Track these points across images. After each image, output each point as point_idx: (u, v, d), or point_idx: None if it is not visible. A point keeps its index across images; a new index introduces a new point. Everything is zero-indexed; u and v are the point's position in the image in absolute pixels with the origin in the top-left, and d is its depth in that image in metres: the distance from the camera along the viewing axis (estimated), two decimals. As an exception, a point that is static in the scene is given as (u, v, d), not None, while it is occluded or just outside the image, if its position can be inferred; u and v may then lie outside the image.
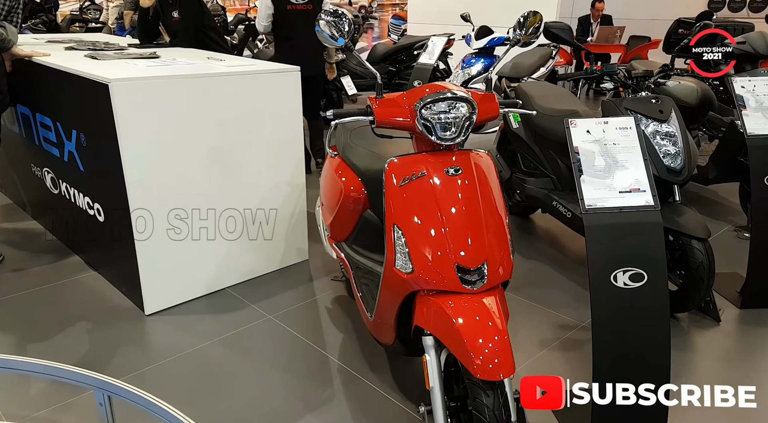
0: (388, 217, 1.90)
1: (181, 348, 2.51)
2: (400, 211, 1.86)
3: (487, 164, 1.94)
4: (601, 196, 1.85)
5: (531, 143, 3.45)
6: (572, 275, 3.19)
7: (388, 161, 1.93)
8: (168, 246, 2.74)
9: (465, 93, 1.85)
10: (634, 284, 1.82)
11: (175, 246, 2.76)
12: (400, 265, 1.84)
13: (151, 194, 2.63)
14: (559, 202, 3.21)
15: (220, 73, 2.75)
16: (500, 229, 1.85)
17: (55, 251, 3.43)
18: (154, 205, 2.64)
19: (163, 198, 2.67)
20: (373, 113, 1.90)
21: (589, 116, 2.34)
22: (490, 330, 1.69)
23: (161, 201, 2.66)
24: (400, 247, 1.85)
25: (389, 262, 1.89)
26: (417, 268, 1.79)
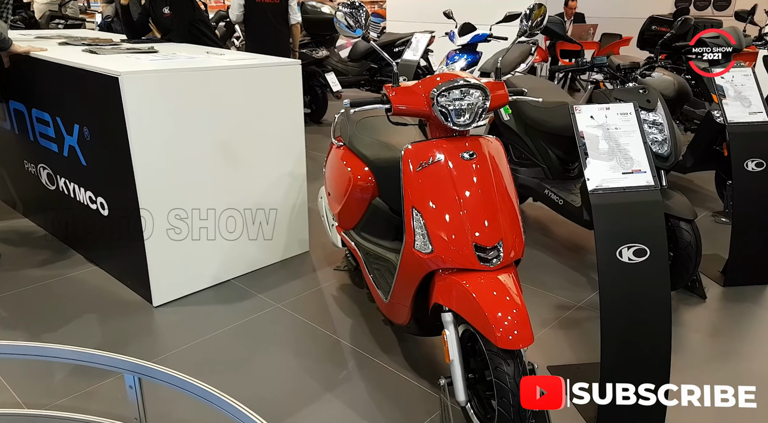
0: (406, 200, 1.99)
1: (195, 336, 2.55)
2: (418, 195, 1.96)
3: (497, 149, 2.05)
4: (606, 177, 1.97)
5: (522, 135, 3.58)
6: (565, 260, 3.33)
7: (404, 148, 2.02)
8: (174, 238, 2.77)
9: (478, 81, 1.95)
10: (637, 259, 1.94)
11: (182, 240, 2.80)
12: (420, 246, 1.94)
13: (159, 187, 2.66)
14: (551, 190, 3.34)
15: (225, 67, 2.80)
16: (512, 209, 1.96)
17: (51, 247, 3.42)
18: (161, 197, 2.68)
19: (170, 191, 2.71)
20: (390, 101, 1.99)
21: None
22: (508, 304, 1.79)
23: (168, 194, 2.70)
24: (419, 228, 1.94)
25: (408, 244, 1.98)
26: (436, 249, 1.89)
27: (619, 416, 2.01)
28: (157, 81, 2.56)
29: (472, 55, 5.58)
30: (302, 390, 2.22)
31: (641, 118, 2.84)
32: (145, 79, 2.53)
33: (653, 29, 5.54)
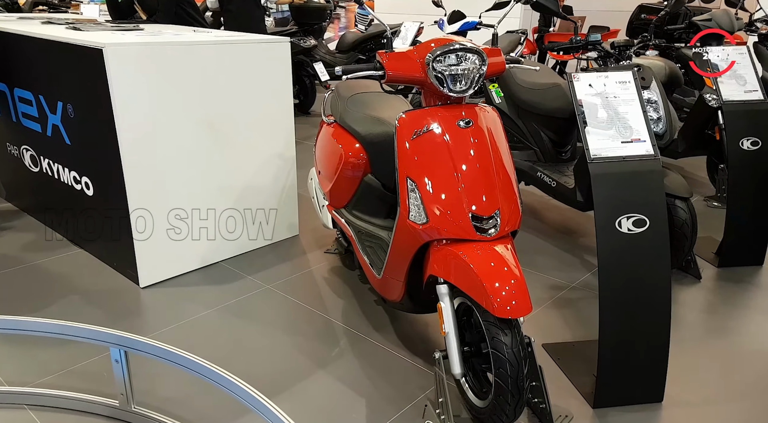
0: (400, 170, 1.94)
1: (183, 315, 2.49)
2: (413, 164, 1.91)
3: (493, 118, 2.00)
4: (605, 146, 1.94)
5: (514, 117, 3.54)
6: (557, 242, 3.30)
7: (399, 116, 1.97)
8: (161, 218, 2.70)
9: (475, 45, 1.91)
10: (637, 229, 1.91)
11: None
12: (415, 216, 1.89)
13: (145, 165, 2.59)
14: (543, 173, 3.31)
15: (212, 42, 2.74)
16: (509, 179, 1.92)
17: (35, 231, 3.33)
18: (147, 178, 2.61)
19: (158, 170, 2.64)
20: (384, 67, 1.94)
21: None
22: (506, 274, 1.75)
23: (156, 173, 2.63)
24: (414, 198, 1.89)
25: (402, 216, 1.93)
26: (432, 219, 1.84)
27: (618, 390, 1.98)
28: (143, 54, 2.49)
29: (463, 44, 5.53)
30: (294, 367, 2.17)
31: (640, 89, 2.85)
32: (131, 51, 2.45)
33: (642, 18, 5.54)
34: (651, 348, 1.96)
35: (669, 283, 1.93)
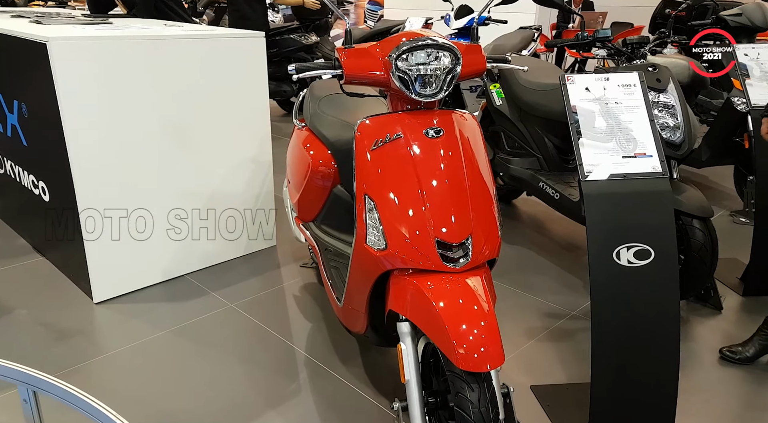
0: (358, 186, 1.65)
1: (132, 338, 2.24)
2: (373, 179, 1.62)
3: (471, 126, 1.71)
4: (602, 161, 1.63)
5: (516, 121, 3.23)
6: (560, 261, 2.98)
7: (359, 122, 1.69)
8: (118, 227, 2.46)
9: (447, 41, 1.61)
10: (639, 262, 1.60)
11: (127, 228, 2.49)
12: (372, 241, 1.60)
13: (97, 170, 2.35)
14: (546, 183, 2.99)
15: (177, 36, 2.48)
16: (486, 199, 1.63)
17: (1, 235, 3.13)
18: (101, 182, 2.37)
19: (112, 176, 2.39)
20: (342, 66, 1.66)
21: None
22: (476, 314, 1.46)
23: (110, 179, 2.39)
24: (371, 220, 1.61)
25: (360, 238, 1.65)
26: (391, 244, 1.56)
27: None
28: (93, 49, 2.24)
29: (469, 40, 5.21)
30: (242, 404, 1.90)
31: (651, 100, 2.52)
32: (79, 46, 2.21)
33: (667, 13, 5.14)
34: (655, 399, 1.65)
35: (677, 327, 1.62)
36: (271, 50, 5.40)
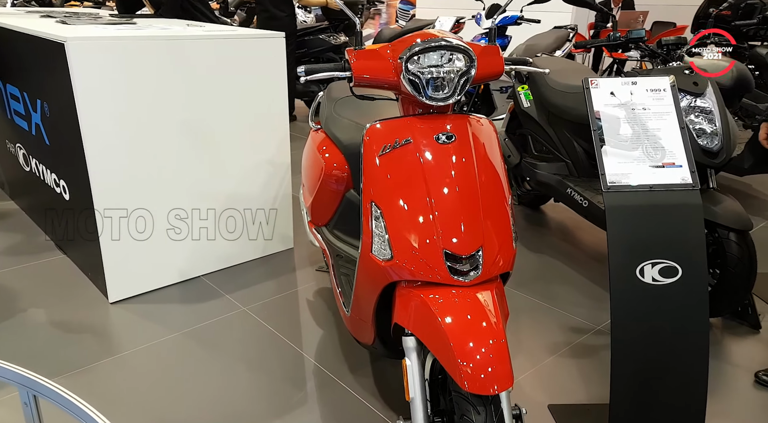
0: (365, 192, 1.59)
1: (142, 340, 2.22)
2: (380, 186, 1.55)
3: (487, 132, 1.62)
4: (627, 171, 1.52)
5: (544, 124, 3.11)
6: (587, 272, 2.85)
7: (368, 126, 1.62)
8: (135, 228, 2.45)
9: (462, 42, 1.53)
10: (665, 280, 1.49)
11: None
12: (378, 250, 1.53)
13: (115, 170, 2.34)
14: (575, 190, 2.87)
15: (195, 36, 2.45)
16: (500, 209, 1.54)
17: (26, 232, 3.17)
18: (117, 182, 2.36)
19: (129, 176, 2.38)
20: (351, 68, 1.59)
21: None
22: (484, 331, 1.37)
23: (127, 179, 2.38)
24: (377, 228, 1.54)
25: (365, 247, 1.58)
26: (397, 255, 1.48)
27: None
28: (112, 49, 2.23)
29: (500, 40, 5.08)
30: (246, 413, 1.85)
31: (688, 105, 2.37)
32: (97, 46, 2.20)
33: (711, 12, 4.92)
34: (678, 430, 1.53)
35: (706, 347, 1.50)
36: (299, 50, 5.37)
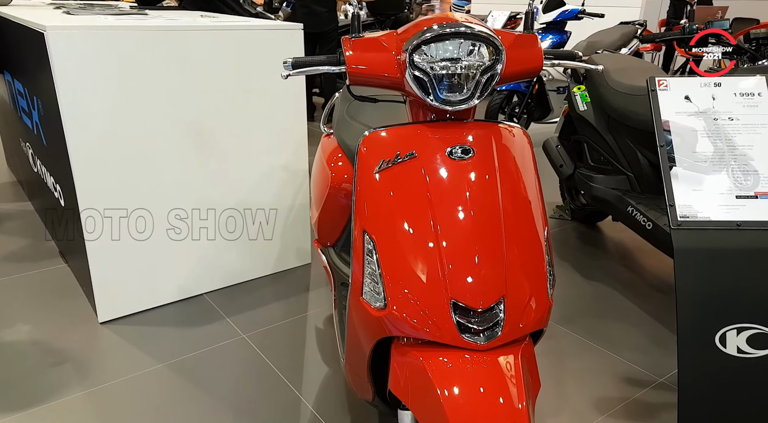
0: (357, 217, 1.25)
1: (123, 370, 1.97)
2: (374, 210, 1.22)
3: (519, 146, 1.26)
4: (705, 201, 1.12)
5: (602, 130, 2.69)
6: (649, 306, 2.42)
7: (366, 134, 1.28)
8: (130, 241, 2.21)
9: (485, 28, 1.17)
10: (755, 352, 1.08)
11: (140, 241, 2.23)
12: (370, 295, 1.20)
13: (105, 175, 2.10)
14: (637, 208, 2.44)
15: (200, 28, 2.18)
16: (532, 246, 1.18)
17: (35, 237, 3.00)
18: (110, 188, 2.12)
19: (123, 181, 2.14)
20: (345, 61, 1.26)
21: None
22: (501, 412, 1.03)
23: (120, 185, 2.13)
24: (370, 265, 1.20)
25: (355, 288, 1.25)
26: (392, 302, 1.14)
27: None
28: (101, 40, 1.98)
29: (559, 36, 4.63)
30: (221, 476, 1.56)
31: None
32: (81, 35, 1.95)
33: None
34: None
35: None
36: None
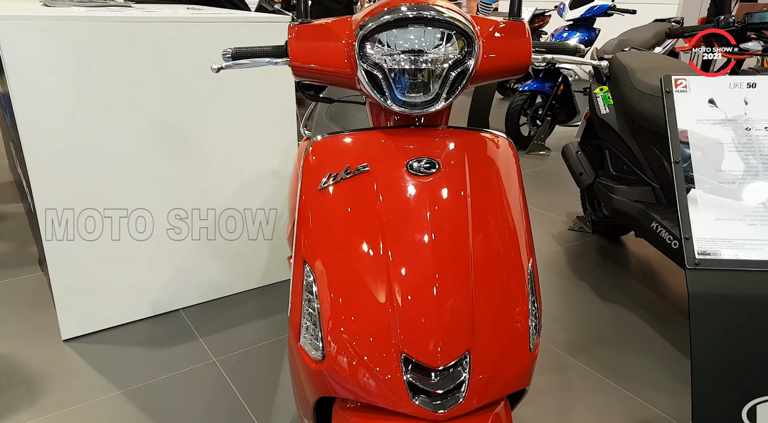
0: (296, 243, 1.03)
1: (77, 398, 1.78)
2: (316, 237, 0.99)
3: (503, 159, 1.03)
4: (731, 234, 0.87)
5: (625, 136, 2.41)
6: (673, 334, 2.14)
7: (312, 141, 1.06)
8: (96, 250, 2.03)
9: (458, 13, 0.94)
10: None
11: (107, 250, 2.05)
12: (308, 341, 0.98)
13: (67, 177, 1.93)
14: (661, 224, 2.16)
15: (175, 19, 1.99)
16: (513, 284, 0.94)
17: (19, 241, 2.87)
18: (73, 192, 1.95)
19: (88, 185, 1.96)
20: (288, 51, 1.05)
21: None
22: None
23: (85, 189, 1.96)
24: (309, 306, 0.98)
25: (293, 329, 1.03)
26: (332, 356, 0.92)
27: None
28: (60, 31, 1.80)
29: (587, 33, 4.33)
30: None
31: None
32: (36, 27, 1.77)
33: None
34: None
35: None
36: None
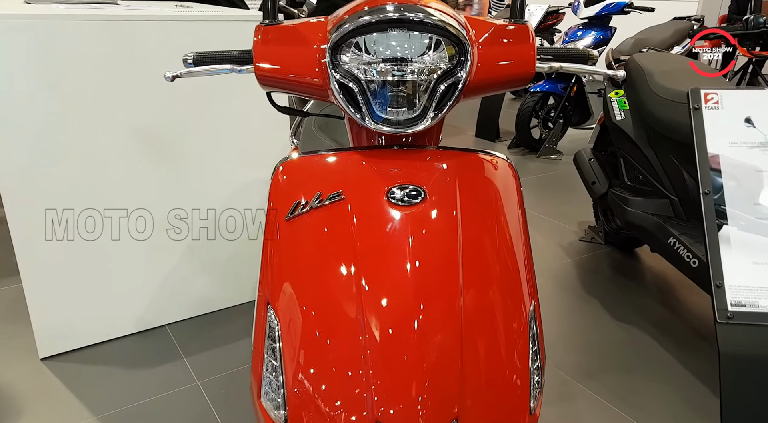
0: (261, 283, 0.90)
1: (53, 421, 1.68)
2: (282, 277, 0.86)
3: (502, 183, 0.89)
4: None
5: (642, 144, 2.25)
6: (694, 361, 1.98)
7: (281, 162, 0.93)
8: (77, 257, 1.92)
9: (449, 15, 0.80)
10: None
11: (89, 259, 1.94)
12: (269, 399, 0.84)
13: (40, 180, 1.81)
14: (680, 240, 2.00)
15: (156, 17, 1.87)
16: (510, 332, 0.80)
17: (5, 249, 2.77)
18: (47, 196, 1.83)
19: (65, 190, 1.85)
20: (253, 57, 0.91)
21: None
22: None
23: (60, 194, 1.85)
24: (272, 358, 0.85)
25: (255, 381, 0.90)
26: (295, 416, 0.78)
27: None
28: (28, 30, 1.68)
29: (602, 32, 4.15)
30: None
31: None
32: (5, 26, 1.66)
33: None
34: None
35: None
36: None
